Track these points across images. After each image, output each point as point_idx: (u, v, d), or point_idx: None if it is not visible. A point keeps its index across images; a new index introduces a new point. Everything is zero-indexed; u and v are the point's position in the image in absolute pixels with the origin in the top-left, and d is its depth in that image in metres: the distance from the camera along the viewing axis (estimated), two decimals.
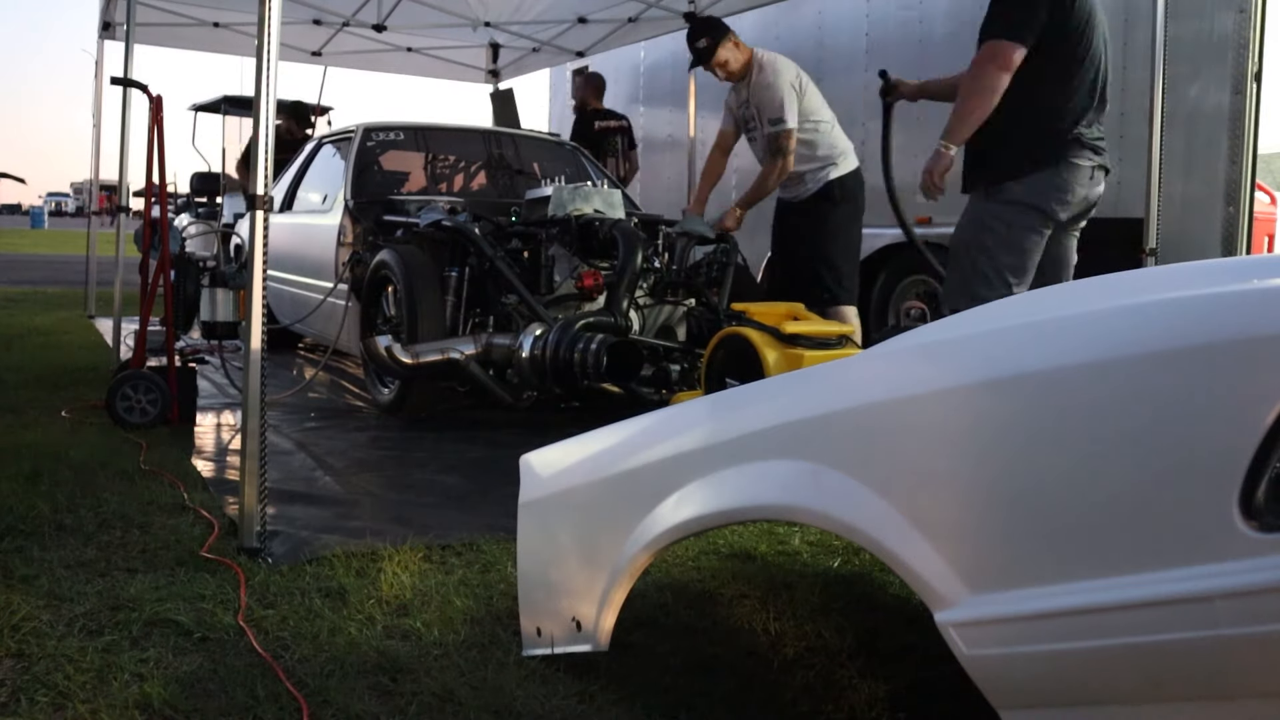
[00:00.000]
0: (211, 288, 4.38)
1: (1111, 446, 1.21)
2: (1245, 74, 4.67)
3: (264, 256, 2.56)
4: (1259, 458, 1.10)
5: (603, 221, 4.38)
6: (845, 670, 1.95)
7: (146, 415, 4.02)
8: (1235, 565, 1.10)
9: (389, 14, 7.58)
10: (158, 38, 7.83)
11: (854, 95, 6.77)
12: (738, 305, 3.93)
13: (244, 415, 2.58)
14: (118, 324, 5.50)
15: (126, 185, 5.75)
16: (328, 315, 5.04)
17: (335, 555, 2.56)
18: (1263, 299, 1.20)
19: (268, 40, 2.58)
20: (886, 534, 1.38)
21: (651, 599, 2.32)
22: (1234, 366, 1.13)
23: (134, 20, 5.64)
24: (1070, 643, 1.21)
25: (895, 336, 1.61)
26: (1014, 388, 1.30)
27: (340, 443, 4.04)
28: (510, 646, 2.03)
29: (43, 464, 3.28)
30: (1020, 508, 1.28)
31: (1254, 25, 4.65)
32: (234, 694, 1.81)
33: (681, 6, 7.18)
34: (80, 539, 2.63)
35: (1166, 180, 4.54)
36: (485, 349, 4.12)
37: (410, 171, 5.84)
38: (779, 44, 7.38)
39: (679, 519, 1.66)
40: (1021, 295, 1.75)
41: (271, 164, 2.59)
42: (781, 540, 2.82)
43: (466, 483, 3.45)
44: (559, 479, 1.96)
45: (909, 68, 6.32)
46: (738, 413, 1.68)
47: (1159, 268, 1.98)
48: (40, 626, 2.08)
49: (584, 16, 7.76)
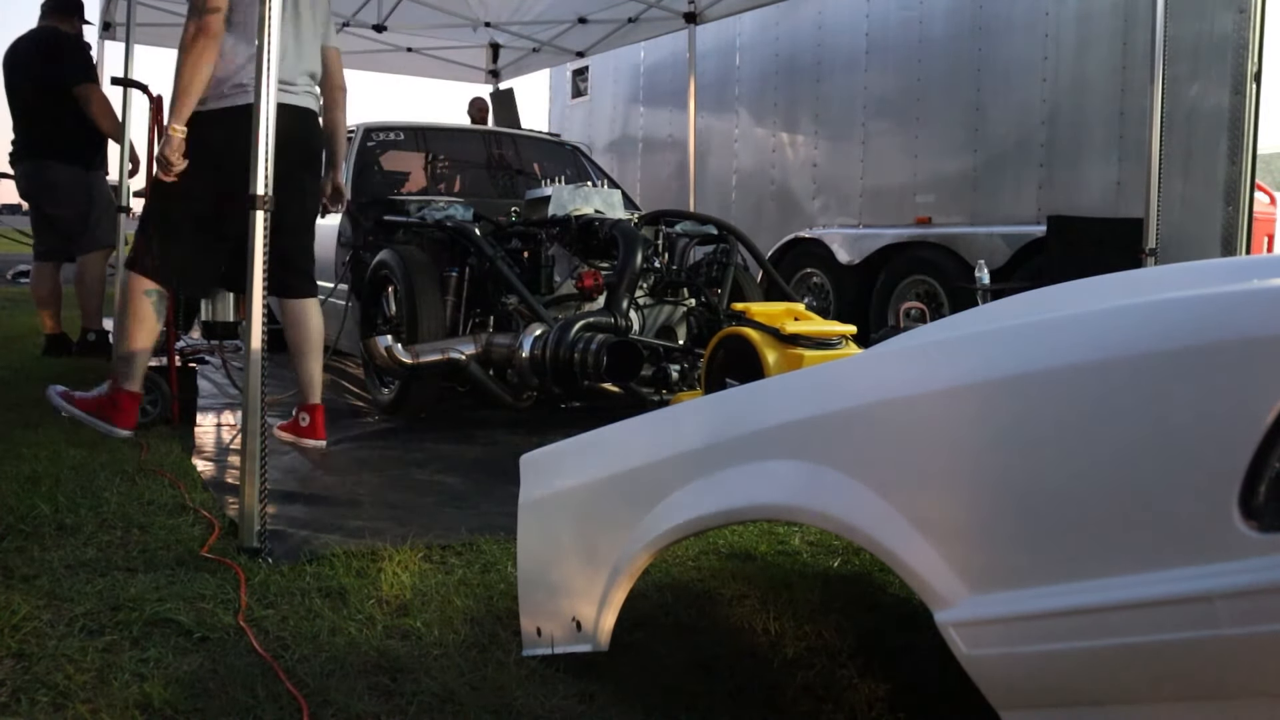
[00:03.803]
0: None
1: (1111, 446, 1.21)
2: (1245, 74, 4.67)
3: (264, 257, 2.56)
4: (1259, 458, 1.10)
5: (603, 221, 4.38)
6: (845, 670, 1.95)
7: (146, 415, 4.02)
8: (1235, 565, 1.10)
9: (389, 14, 7.59)
10: (158, 38, 7.82)
11: (854, 95, 6.78)
12: (738, 305, 3.93)
13: (244, 415, 2.58)
14: (118, 324, 5.49)
15: (126, 185, 5.74)
16: (328, 315, 5.04)
17: (335, 555, 2.56)
18: (1263, 299, 1.20)
19: (268, 40, 2.58)
20: (886, 534, 1.38)
21: (651, 599, 2.32)
22: (1234, 366, 1.13)
23: (134, 20, 5.64)
24: (1070, 643, 1.21)
25: (895, 336, 1.61)
26: (1014, 388, 1.30)
27: (340, 443, 4.04)
28: (510, 646, 2.03)
29: (43, 464, 3.28)
30: (1020, 508, 1.28)
31: (1254, 25, 4.66)
32: (234, 694, 1.81)
33: (681, 6, 7.18)
34: (80, 539, 2.63)
35: (1166, 180, 4.54)
36: (485, 349, 4.12)
37: (410, 171, 5.84)
38: (779, 44, 7.40)
39: (679, 519, 1.66)
40: (1021, 295, 1.75)
41: (272, 164, 2.59)
42: (781, 540, 2.82)
43: (466, 483, 3.45)
44: (559, 479, 1.96)
45: (909, 68, 6.36)
46: (737, 413, 1.68)
47: (1159, 268, 1.98)
48: (40, 626, 2.08)
49: (584, 16, 7.76)
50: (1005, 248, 5.59)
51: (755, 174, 7.61)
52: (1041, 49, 5.57)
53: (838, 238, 6.73)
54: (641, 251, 4.24)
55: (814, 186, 7.09)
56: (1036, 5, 5.60)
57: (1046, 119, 5.56)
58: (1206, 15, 4.82)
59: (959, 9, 6.01)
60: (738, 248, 4.66)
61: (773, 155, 7.45)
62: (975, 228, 5.87)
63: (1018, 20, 5.69)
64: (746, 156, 7.72)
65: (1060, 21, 5.51)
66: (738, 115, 7.77)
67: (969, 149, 5.97)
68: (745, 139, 7.73)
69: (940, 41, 6.13)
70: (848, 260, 6.61)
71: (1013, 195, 5.75)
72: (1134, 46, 5.12)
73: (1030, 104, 5.62)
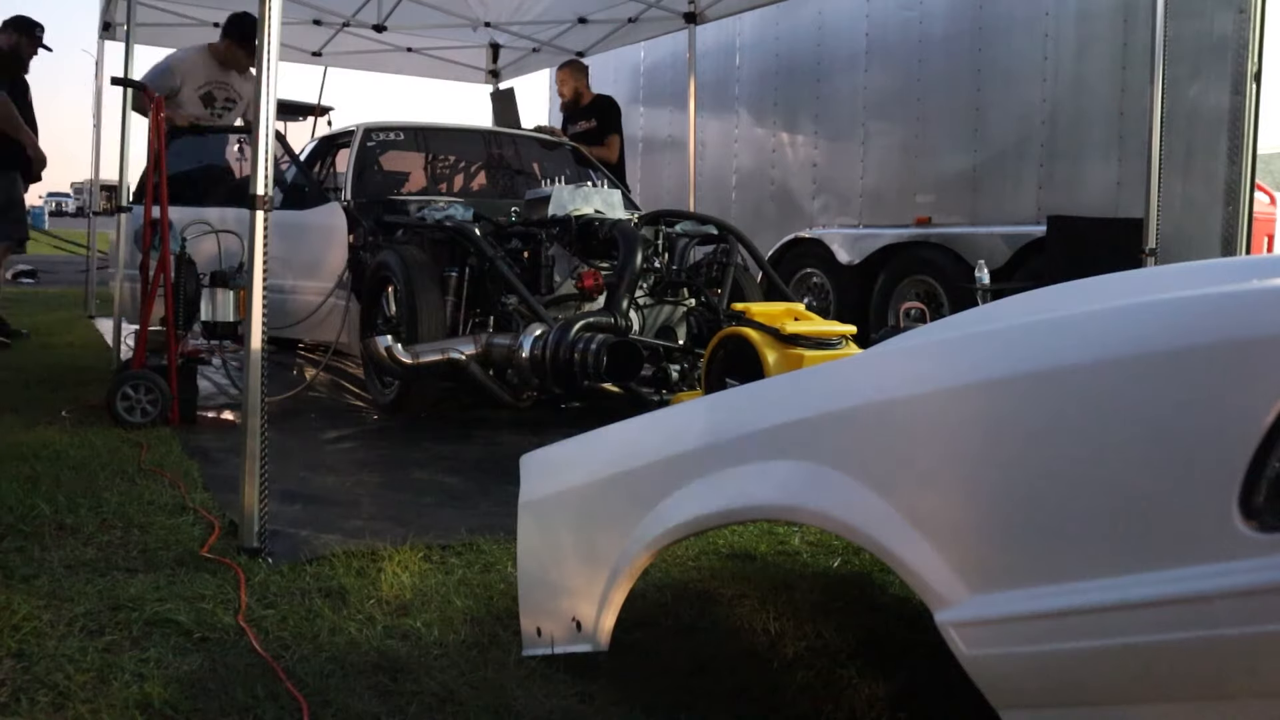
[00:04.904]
0: (211, 288, 4.39)
1: (1111, 446, 1.21)
2: (1245, 74, 4.67)
3: (264, 257, 2.56)
4: (1259, 458, 1.10)
5: (603, 221, 4.38)
6: (845, 670, 1.95)
7: (146, 415, 4.02)
8: (1235, 565, 1.10)
9: (389, 14, 7.58)
10: (158, 38, 7.82)
11: (854, 95, 6.77)
12: (738, 305, 3.93)
13: (244, 415, 2.58)
14: (118, 324, 5.50)
15: (127, 185, 5.75)
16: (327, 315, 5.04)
17: (335, 555, 2.56)
18: (1262, 299, 1.20)
19: (268, 40, 2.58)
20: (886, 534, 1.38)
21: (651, 599, 2.32)
22: (1234, 366, 1.13)
23: (134, 20, 5.64)
24: (1070, 643, 1.21)
25: (895, 336, 1.61)
26: (1014, 388, 1.30)
27: (340, 443, 4.04)
28: (510, 646, 2.03)
29: (43, 464, 3.28)
30: (1020, 508, 1.28)
31: (1254, 25, 4.66)
32: (234, 694, 1.81)
33: (681, 7, 7.18)
34: (80, 539, 2.63)
35: (1166, 180, 4.54)
36: (485, 349, 4.12)
37: (410, 171, 5.84)
38: (779, 44, 7.40)
39: (679, 519, 1.66)
40: (1021, 295, 1.75)
41: (272, 164, 2.59)
42: (781, 540, 2.82)
43: (466, 483, 3.45)
44: (559, 479, 1.96)
45: (909, 68, 6.36)
46: (737, 413, 1.68)
47: (1159, 268, 1.98)
48: (40, 626, 2.08)
49: (584, 16, 7.76)
50: (1005, 248, 5.59)
51: (755, 174, 7.60)
52: (1041, 49, 5.57)
53: (838, 238, 6.73)
54: (641, 251, 4.24)
55: (814, 186, 7.09)
56: (1036, 5, 5.60)
57: (1046, 119, 5.56)
58: (1206, 15, 4.82)
59: (959, 9, 6.01)
60: (738, 248, 4.66)
61: (772, 155, 7.45)
62: (975, 228, 5.87)
63: (1018, 20, 5.69)
64: (746, 156, 7.72)
65: (1060, 21, 5.50)
66: (738, 115, 7.77)
67: (969, 149, 5.97)
68: (745, 139, 7.72)
69: (940, 41, 6.13)
70: (848, 260, 6.60)
71: (1013, 195, 5.74)
72: (1134, 46, 5.11)
73: (1030, 104, 5.62)
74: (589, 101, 6.82)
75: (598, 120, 6.68)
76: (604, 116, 6.71)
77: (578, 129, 6.71)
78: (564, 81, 6.86)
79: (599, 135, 6.60)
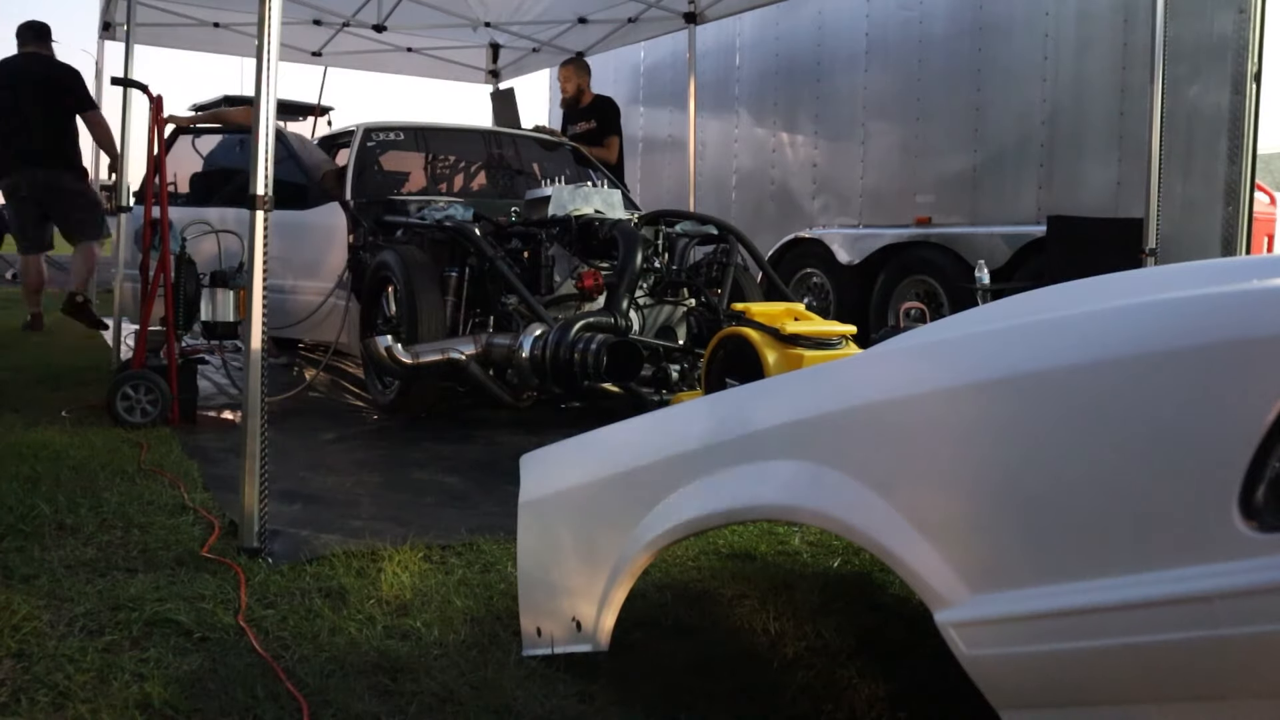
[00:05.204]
0: (211, 288, 4.39)
1: (1111, 446, 1.21)
2: (1245, 74, 4.67)
3: (264, 257, 2.56)
4: (1259, 458, 1.10)
5: (603, 221, 4.38)
6: (845, 670, 1.95)
7: (146, 415, 4.02)
8: (1235, 565, 1.10)
9: (389, 14, 7.58)
10: (158, 38, 7.83)
11: (854, 95, 6.77)
12: (738, 305, 3.93)
13: (244, 415, 2.58)
14: (118, 324, 5.50)
15: (126, 185, 5.75)
16: (327, 315, 5.04)
17: (335, 555, 2.56)
18: (1262, 299, 1.20)
19: (268, 40, 2.58)
20: (886, 534, 1.38)
21: (651, 599, 2.32)
22: (1233, 366, 1.13)
23: (134, 20, 5.64)
24: (1070, 643, 1.21)
25: (895, 336, 1.61)
26: (1014, 388, 1.30)
27: (340, 443, 4.04)
28: (510, 646, 2.03)
29: (43, 464, 3.28)
30: (1020, 508, 1.28)
31: (1254, 25, 4.66)
32: (234, 694, 1.81)
33: (681, 7, 7.18)
34: (80, 539, 2.63)
35: (1166, 180, 4.54)
36: (485, 349, 4.11)
37: (410, 171, 5.84)
38: (779, 44, 7.40)
39: (679, 519, 1.66)
40: (1021, 295, 1.75)
41: (272, 164, 2.59)
42: (781, 540, 2.82)
43: (466, 483, 3.45)
44: (559, 479, 1.96)
45: (909, 68, 6.36)
46: (738, 413, 1.68)
47: (1158, 268, 1.98)
48: (40, 626, 2.08)
49: (584, 16, 7.76)
50: (1005, 248, 5.59)
51: (755, 174, 7.60)
52: (1041, 49, 5.57)
53: (838, 238, 6.73)
54: (641, 251, 4.24)
55: (814, 186, 7.09)
56: (1036, 5, 5.60)
57: (1046, 119, 5.56)
58: (1206, 15, 4.82)
59: (959, 9, 6.01)
60: (738, 248, 4.66)
61: (772, 155, 7.44)
62: (975, 228, 5.87)
63: (1018, 20, 5.69)
64: (746, 156, 7.72)
65: (1060, 21, 5.50)
66: (738, 115, 7.76)
67: (969, 149, 5.97)
68: (745, 139, 7.72)
69: (940, 41, 6.13)
70: (848, 260, 6.60)
71: (1013, 195, 5.74)
72: (1134, 46, 5.11)
73: (1030, 104, 5.62)
74: (589, 102, 6.81)
75: (597, 121, 6.68)
76: (604, 118, 6.71)
77: (577, 130, 6.71)
78: (567, 79, 6.85)
79: (598, 136, 6.60)
